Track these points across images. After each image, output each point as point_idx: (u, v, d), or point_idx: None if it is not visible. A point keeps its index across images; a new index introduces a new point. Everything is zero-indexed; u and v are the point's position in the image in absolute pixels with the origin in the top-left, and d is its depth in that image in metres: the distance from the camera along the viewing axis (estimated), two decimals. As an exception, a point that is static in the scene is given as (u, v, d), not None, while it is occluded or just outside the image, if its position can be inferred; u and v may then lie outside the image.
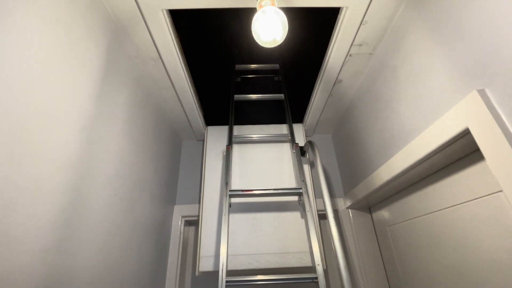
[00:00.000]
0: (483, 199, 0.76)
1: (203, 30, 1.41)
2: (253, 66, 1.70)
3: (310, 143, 1.19)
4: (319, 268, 0.94)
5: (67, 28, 0.68)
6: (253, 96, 1.60)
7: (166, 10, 0.89)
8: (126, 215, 0.96)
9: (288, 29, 1.26)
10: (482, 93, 0.60)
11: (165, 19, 0.91)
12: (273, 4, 0.52)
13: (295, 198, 1.32)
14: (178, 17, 1.04)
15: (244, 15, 1.18)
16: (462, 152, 0.78)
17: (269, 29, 0.54)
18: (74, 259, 0.68)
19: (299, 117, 1.66)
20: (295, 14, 1.13)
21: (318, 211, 1.35)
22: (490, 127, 0.58)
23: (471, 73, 0.64)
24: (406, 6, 0.87)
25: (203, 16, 1.31)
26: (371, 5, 0.88)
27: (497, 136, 0.57)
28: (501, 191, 0.70)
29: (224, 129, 1.61)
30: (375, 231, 1.41)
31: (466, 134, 0.65)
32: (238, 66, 1.68)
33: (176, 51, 1.05)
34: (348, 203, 1.46)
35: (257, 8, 0.54)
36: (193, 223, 1.59)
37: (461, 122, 0.65)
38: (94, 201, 0.77)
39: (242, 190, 1.17)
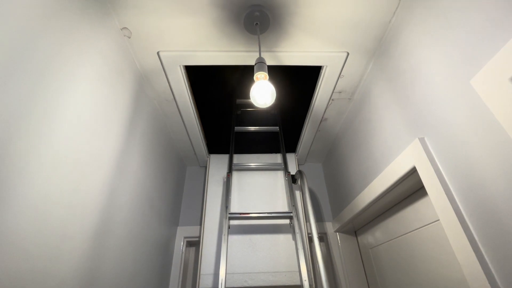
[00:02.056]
0: (431, 225, 0.93)
1: (210, 70, 1.65)
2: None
3: (300, 172, 1.38)
4: (306, 284, 1.08)
5: (110, 84, 0.89)
6: (252, 128, 1.81)
7: (183, 65, 1.12)
8: (138, 234, 1.11)
9: (283, 77, 1.47)
10: (422, 140, 0.80)
11: (181, 72, 1.14)
12: (265, 78, 0.73)
13: (287, 221, 1.48)
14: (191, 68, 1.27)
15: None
16: (416, 185, 0.97)
17: (262, 96, 0.75)
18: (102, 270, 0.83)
19: (292, 147, 1.86)
20: (288, 66, 1.37)
21: (308, 233, 1.49)
22: (427, 167, 0.77)
23: (416, 124, 0.84)
24: (372, 67, 1.11)
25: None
26: (345, 65, 1.12)
27: (432, 175, 0.75)
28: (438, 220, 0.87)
29: (225, 157, 1.80)
30: (360, 253, 1.55)
31: (414, 171, 0.84)
32: (239, 101, 1.91)
33: (188, 95, 1.27)
34: (336, 227, 1.61)
35: (254, 79, 0.75)
36: (193, 243, 1.72)
37: (410, 162, 0.84)
38: (115, 223, 0.93)
39: (240, 213, 1.33)
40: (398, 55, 0.93)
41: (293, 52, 1.06)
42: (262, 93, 0.73)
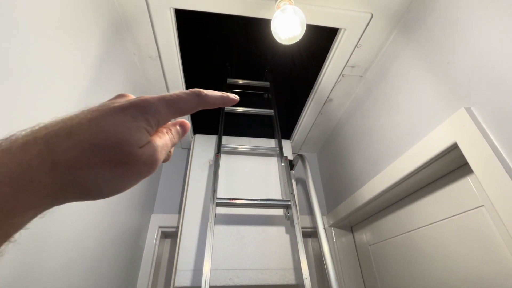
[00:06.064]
0: (465, 214, 0.80)
1: (200, 38, 1.43)
2: (245, 81, 1.73)
3: (300, 156, 1.21)
4: (307, 283, 0.91)
5: (70, 13, 0.65)
6: (244, 109, 1.62)
7: (173, 9, 0.90)
8: (101, 219, 0.87)
9: (283, 49, 1.29)
10: (469, 110, 0.66)
11: (171, 18, 0.92)
12: (291, 4, 0.55)
13: (281, 212, 1.30)
14: (180, 21, 1.05)
15: (244, 30, 1.22)
16: (446, 168, 0.83)
17: (288, 27, 0.57)
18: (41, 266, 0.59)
19: (286, 134, 1.69)
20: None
21: (303, 227, 1.33)
22: (477, 141, 0.63)
23: (458, 93, 0.70)
24: (396, 34, 0.97)
25: (203, 26, 1.33)
26: (366, 30, 0.97)
27: (484, 150, 0.61)
28: (483, 205, 0.74)
29: (212, 138, 1.59)
30: (356, 250, 1.41)
31: (454, 148, 0.70)
32: (230, 80, 1.70)
33: (177, 52, 1.05)
34: (331, 222, 1.46)
35: (275, 9, 0.57)
36: (169, 235, 1.48)
37: (450, 137, 0.70)
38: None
39: (230, 199, 1.13)
40: (436, 14, 0.79)
41: (311, 6, 0.88)
42: (288, 23, 0.55)
